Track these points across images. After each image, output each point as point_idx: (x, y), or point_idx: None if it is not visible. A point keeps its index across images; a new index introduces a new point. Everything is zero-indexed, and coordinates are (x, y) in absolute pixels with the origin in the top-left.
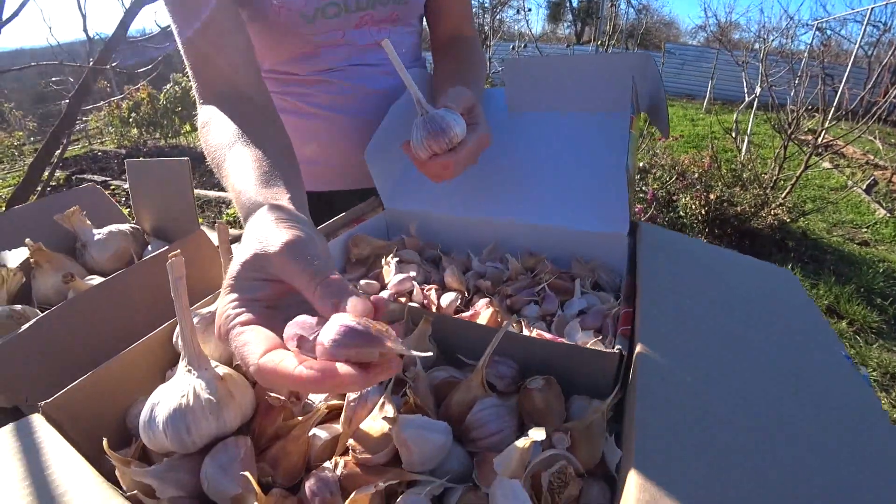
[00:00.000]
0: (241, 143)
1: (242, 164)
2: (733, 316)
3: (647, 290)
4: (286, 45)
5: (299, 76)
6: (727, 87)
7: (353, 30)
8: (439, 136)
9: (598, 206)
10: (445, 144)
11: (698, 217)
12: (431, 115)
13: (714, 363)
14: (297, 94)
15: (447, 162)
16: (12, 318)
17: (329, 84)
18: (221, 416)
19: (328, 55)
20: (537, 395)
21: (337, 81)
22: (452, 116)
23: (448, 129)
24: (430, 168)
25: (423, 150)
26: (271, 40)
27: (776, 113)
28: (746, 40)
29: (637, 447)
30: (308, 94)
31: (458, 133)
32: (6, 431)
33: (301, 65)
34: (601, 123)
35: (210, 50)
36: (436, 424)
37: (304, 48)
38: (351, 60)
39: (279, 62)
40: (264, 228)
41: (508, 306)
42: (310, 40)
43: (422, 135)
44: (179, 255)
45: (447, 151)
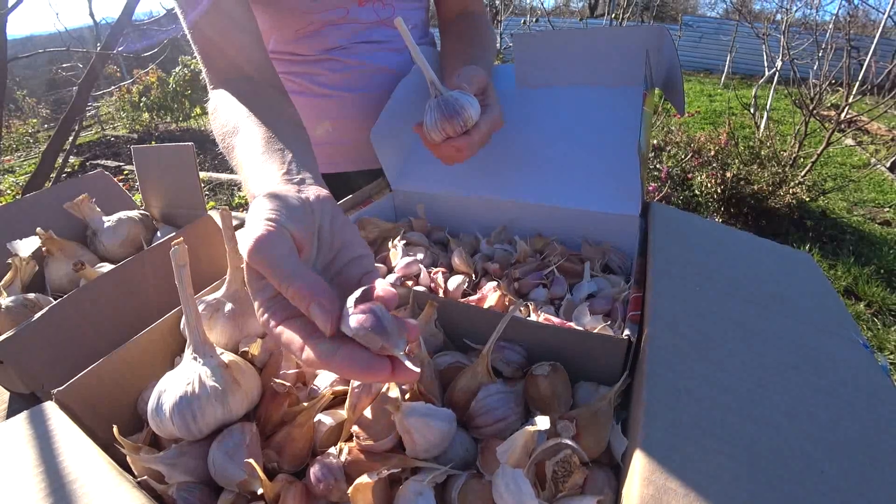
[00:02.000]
0: (247, 123)
1: (246, 141)
2: (747, 301)
3: (658, 274)
4: (290, 24)
5: (305, 56)
6: (746, 61)
7: (358, 6)
8: (454, 119)
9: (608, 186)
10: (460, 127)
11: (713, 196)
12: (445, 97)
13: (725, 350)
14: (304, 73)
15: (461, 145)
16: (26, 306)
17: (335, 62)
18: (227, 403)
19: (333, 33)
20: (543, 381)
21: (343, 59)
22: (467, 98)
23: (462, 112)
24: (442, 150)
25: (437, 133)
26: (276, 19)
27: (797, 87)
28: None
29: (644, 437)
30: (314, 73)
31: (472, 115)
32: (20, 420)
33: (306, 44)
34: (613, 100)
35: (216, 33)
36: (440, 412)
37: (309, 26)
38: (356, 38)
39: (284, 42)
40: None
41: (516, 290)
42: (314, 18)
43: (436, 117)
44: (182, 243)
45: (461, 134)
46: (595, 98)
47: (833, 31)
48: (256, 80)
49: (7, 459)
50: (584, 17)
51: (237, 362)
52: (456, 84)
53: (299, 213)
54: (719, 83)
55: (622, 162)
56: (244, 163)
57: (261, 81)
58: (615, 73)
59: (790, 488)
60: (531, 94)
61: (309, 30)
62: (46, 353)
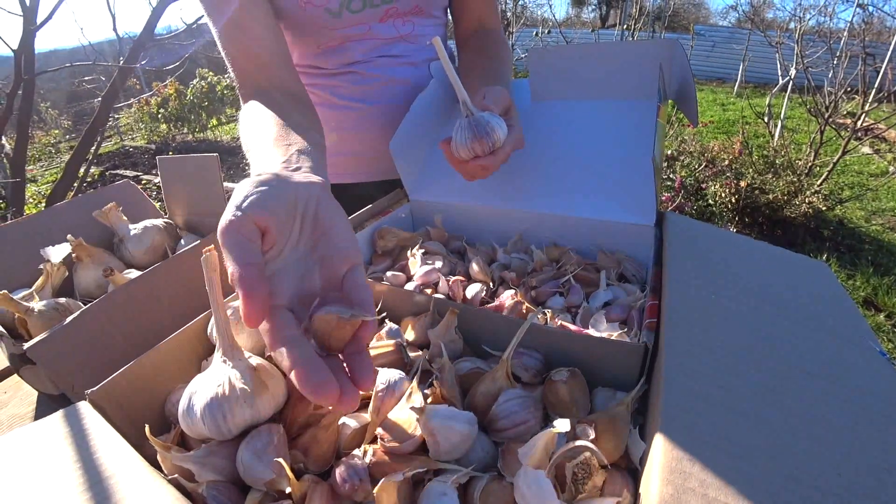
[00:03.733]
0: (266, 124)
1: (260, 136)
2: (763, 309)
3: (674, 283)
4: (313, 40)
5: (327, 69)
6: (759, 70)
7: (379, 23)
8: (484, 140)
9: (623, 196)
10: (488, 147)
11: (728, 205)
12: (477, 118)
13: (741, 357)
14: (325, 86)
15: (487, 164)
16: (57, 310)
17: (355, 75)
18: (255, 405)
19: (355, 48)
20: (562, 386)
21: (363, 73)
22: (496, 121)
23: (492, 133)
24: (468, 168)
25: (466, 152)
26: (299, 35)
27: (812, 96)
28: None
29: (662, 442)
30: (335, 85)
31: (500, 137)
32: (57, 418)
33: (328, 58)
34: (627, 112)
35: (241, 42)
36: (462, 415)
37: (331, 42)
38: (376, 52)
39: (307, 56)
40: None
41: (533, 298)
42: (336, 34)
43: (466, 136)
44: (213, 251)
45: (488, 154)
46: (609, 111)
47: (848, 38)
48: (281, 87)
49: (47, 455)
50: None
51: (265, 366)
52: (484, 105)
53: (273, 198)
54: (732, 92)
55: (637, 172)
56: (253, 153)
57: (284, 88)
58: (629, 87)
59: (807, 492)
60: (546, 107)
61: (331, 45)
62: (76, 356)
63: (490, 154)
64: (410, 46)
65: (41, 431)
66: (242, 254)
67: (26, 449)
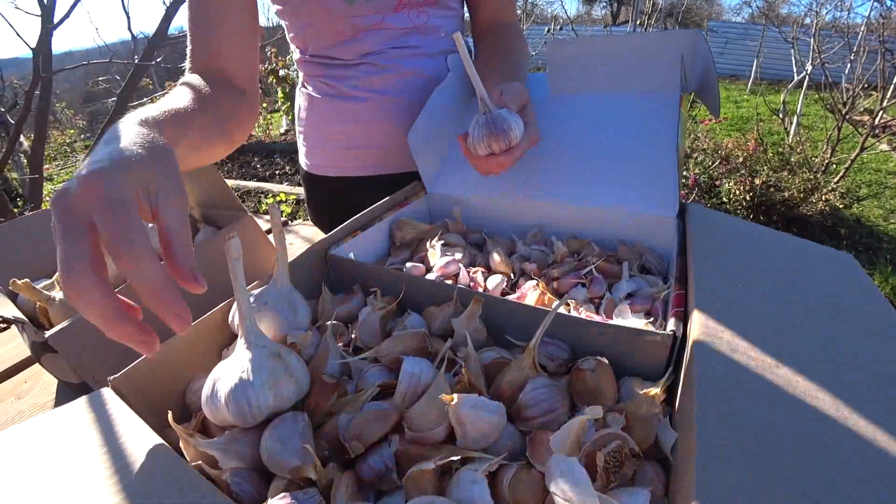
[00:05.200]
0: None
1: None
2: (791, 300)
3: (700, 272)
4: (328, 30)
5: (342, 60)
6: (774, 66)
7: (393, 13)
8: (500, 138)
9: (644, 187)
10: (505, 145)
11: (742, 203)
12: (494, 115)
13: (773, 347)
14: (340, 77)
15: (502, 161)
16: None
17: (370, 66)
18: (279, 392)
19: (369, 39)
20: (590, 375)
21: (377, 64)
22: (514, 118)
23: (509, 131)
24: (483, 163)
25: (483, 148)
26: (314, 25)
27: (829, 92)
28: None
29: (699, 429)
30: (350, 76)
31: (517, 135)
32: (81, 403)
33: (343, 49)
34: (648, 103)
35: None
36: (491, 404)
37: (345, 32)
38: (391, 43)
39: (322, 47)
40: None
41: (555, 289)
42: (350, 24)
43: (483, 133)
44: (236, 238)
45: (504, 151)
46: (629, 102)
47: (866, 33)
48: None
49: (72, 440)
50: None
51: (288, 352)
52: (502, 101)
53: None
54: (746, 89)
55: (658, 163)
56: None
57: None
58: (650, 78)
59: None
60: (565, 99)
61: (345, 35)
62: (97, 344)
63: (506, 151)
64: (425, 38)
65: (65, 417)
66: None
67: (51, 434)
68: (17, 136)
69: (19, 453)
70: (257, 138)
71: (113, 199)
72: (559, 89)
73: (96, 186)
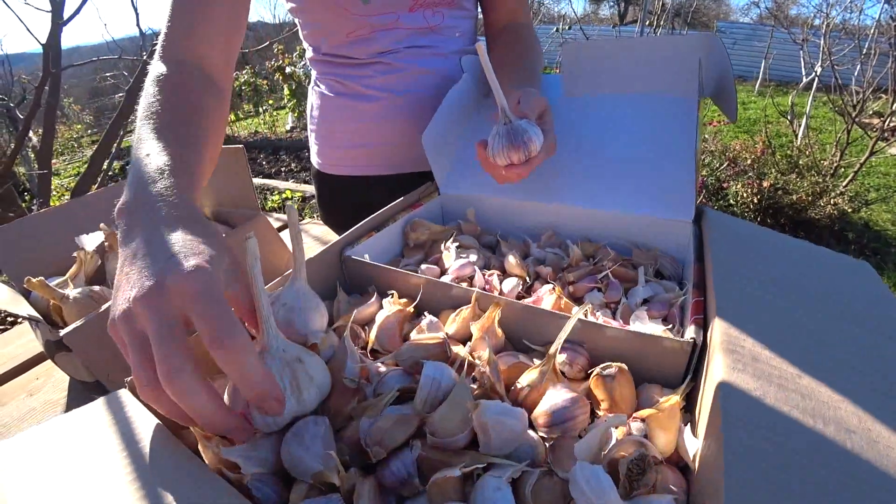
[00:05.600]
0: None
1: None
2: (811, 307)
3: (719, 279)
4: (342, 29)
5: (356, 59)
6: (782, 67)
7: (408, 13)
8: (521, 149)
9: (660, 191)
10: (524, 156)
11: (749, 206)
12: (514, 126)
13: (795, 355)
14: (354, 76)
15: (521, 171)
16: (91, 297)
17: (383, 66)
18: (302, 397)
19: (383, 38)
20: (610, 382)
21: (391, 63)
22: (534, 129)
23: (529, 143)
24: (501, 173)
25: (502, 159)
26: (328, 24)
27: (839, 94)
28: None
29: (726, 438)
30: (364, 75)
31: (537, 147)
32: (98, 405)
33: (358, 48)
34: (664, 106)
35: (196, 15)
36: (514, 411)
37: (360, 31)
38: (405, 43)
39: (336, 46)
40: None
41: (571, 293)
42: (364, 23)
43: (503, 144)
44: (254, 238)
45: (523, 162)
46: (646, 104)
47: (876, 35)
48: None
49: (92, 442)
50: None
51: (309, 356)
52: (521, 112)
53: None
54: (753, 90)
55: (674, 166)
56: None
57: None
58: (667, 81)
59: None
60: (580, 100)
61: (360, 34)
62: (111, 343)
63: (525, 162)
64: (439, 37)
65: (83, 419)
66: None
67: (70, 437)
68: (26, 132)
69: (38, 457)
70: (263, 135)
71: (213, 294)
72: (574, 91)
73: (193, 282)
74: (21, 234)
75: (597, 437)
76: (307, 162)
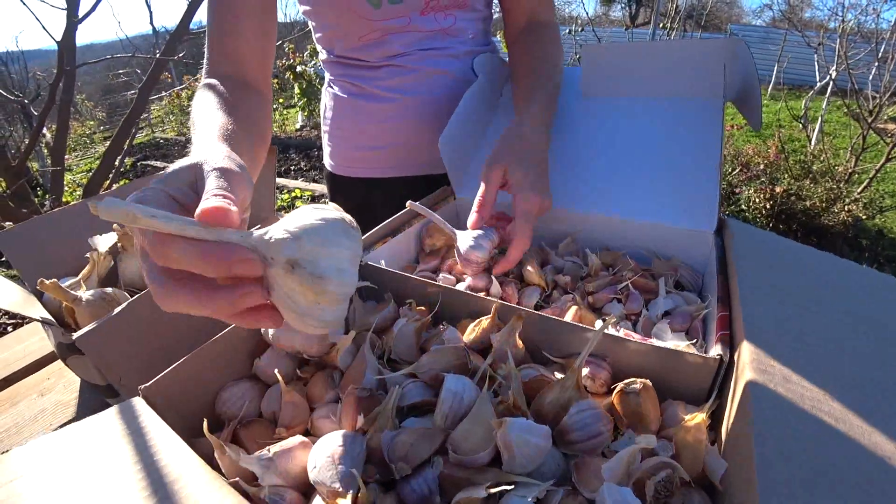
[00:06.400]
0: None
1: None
2: (842, 326)
3: (746, 293)
4: (355, 31)
5: (368, 62)
6: (795, 71)
7: (420, 16)
8: (472, 265)
9: (681, 199)
10: (480, 266)
11: (762, 211)
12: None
13: (828, 380)
14: (368, 77)
15: (505, 265)
16: (104, 300)
17: (397, 68)
18: (322, 304)
19: (396, 41)
20: (635, 398)
21: (405, 65)
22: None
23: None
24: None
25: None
26: (341, 27)
27: (855, 99)
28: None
29: (759, 470)
30: (377, 77)
31: (479, 257)
32: (113, 414)
33: (370, 51)
34: (689, 112)
35: (229, 29)
36: (538, 428)
37: (372, 35)
38: (417, 45)
39: (349, 49)
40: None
41: (590, 304)
42: (377, 26)
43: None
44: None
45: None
46: (669, 110)
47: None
48: (249, 84)
49: (106, 454)
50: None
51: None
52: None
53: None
54: (766, 94)
55: (696, 174)
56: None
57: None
58: (690, 85)
59: None
60: (599, 105)
61: (372, 38)
62: (124, 347)
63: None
64: (451, 39)
65: (97, 428)
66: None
67: (84, 447)
68: (40, 128)
69: (53, 465)
70: (273, 133)
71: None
72: (593, 94)
73: None
74: (35, 234)
75: (625, 459)
76: (317, 161)
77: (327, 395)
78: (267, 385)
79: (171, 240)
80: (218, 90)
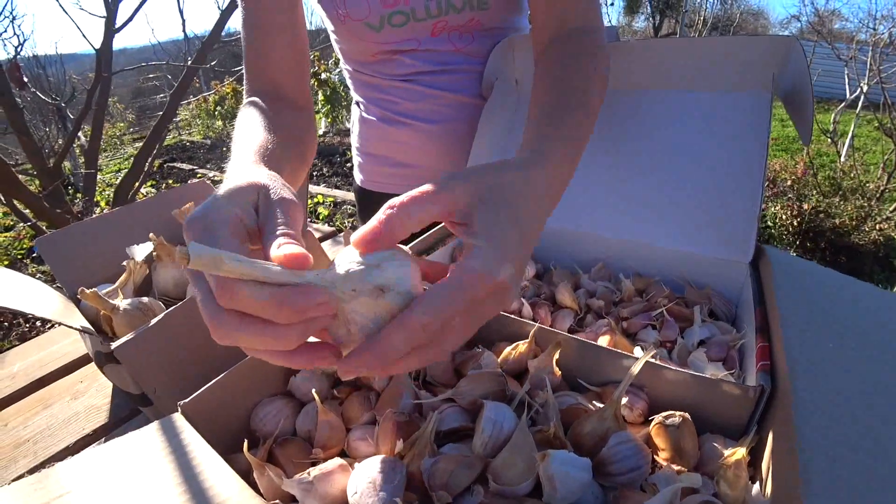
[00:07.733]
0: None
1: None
2: (885, 358)
3: (787, 325)
4: (363, 51)
5: (383, 80)
6: (824, 84)
7: (430, 37)
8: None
9: (718, 224)
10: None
11: (789, 229)
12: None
13: (875, 419)
14: (383, 100)
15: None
16: (141, 310)
17: (410, 91)
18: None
19: (406, 61)
20: (674, 432)
21: (418, 88)
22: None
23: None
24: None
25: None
26: (354, 45)
27: (887, 113)
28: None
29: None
30: (392, 101)
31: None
32: (153, 430)
33: (383, 68)
34: (733, 126)
35: (262, 47)
36: (580, 461)
37: (381, 54)
38: (432, 65)
39: (364, 65)
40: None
41: (624, 329)
42: (383, 48)
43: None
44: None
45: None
46: (711, 124)
47: None
48: (288, 97)
49: (150, 471)
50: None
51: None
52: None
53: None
54: None
55: (737, 196)
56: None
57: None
58: (735, 95)
59: None
60: (629, 100)
61: (383, 57)
62: (160, 358)
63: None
64: (470, 58)
65: (140, 444)
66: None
67: (128, 463)
68: (76, 131)
69: (99, 481)
70: None
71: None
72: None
73: None
74: (72, 240)
75: (668, 497)
76: (339, 167)
77: (363, 416)
78: (301, 403)
79: (241, 284)
80: (260, 107)
